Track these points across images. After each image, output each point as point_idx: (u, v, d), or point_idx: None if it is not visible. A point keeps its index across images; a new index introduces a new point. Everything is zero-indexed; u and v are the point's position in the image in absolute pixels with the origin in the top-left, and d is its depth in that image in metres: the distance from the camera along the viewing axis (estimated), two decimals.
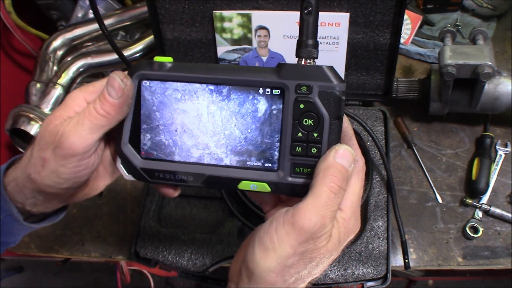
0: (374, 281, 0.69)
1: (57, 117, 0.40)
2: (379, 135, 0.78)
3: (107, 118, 0.39)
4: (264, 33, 0.77)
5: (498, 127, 0.81)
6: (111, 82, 0.39)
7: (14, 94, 0.92)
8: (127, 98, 0.40)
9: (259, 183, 0.40)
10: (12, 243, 0.49)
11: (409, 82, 0.79)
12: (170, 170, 0.41)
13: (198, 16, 0.77)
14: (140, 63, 0.42)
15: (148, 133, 0.42)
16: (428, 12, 0.94)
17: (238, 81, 0.39)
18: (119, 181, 0.83)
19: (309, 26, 0.39)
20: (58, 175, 0.40)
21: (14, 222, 0.45)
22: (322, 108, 0.37)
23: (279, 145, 0.39)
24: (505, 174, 0.77)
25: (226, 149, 0.40)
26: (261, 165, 0.40)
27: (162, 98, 0.41)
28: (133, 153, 0.42)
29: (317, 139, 0.38)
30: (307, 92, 0.38)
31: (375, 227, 0.72)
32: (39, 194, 0.43)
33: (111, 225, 0.80)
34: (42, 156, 0.40)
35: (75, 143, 0.38)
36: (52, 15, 0.98)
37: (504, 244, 0.72)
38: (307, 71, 0.38)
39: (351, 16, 0.72)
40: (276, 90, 0.38)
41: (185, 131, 0.41)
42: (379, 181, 0.75)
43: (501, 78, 0.73)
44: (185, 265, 0.72)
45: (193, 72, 0.40)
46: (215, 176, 0.40)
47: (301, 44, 0.39)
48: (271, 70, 0.39)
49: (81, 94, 0.41)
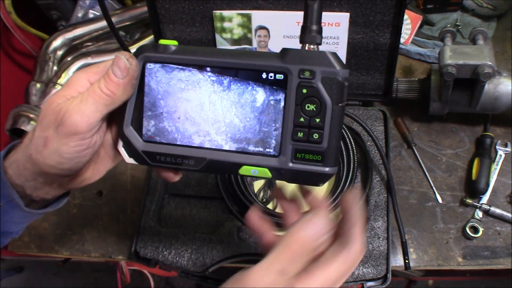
0: (374, 281, 0.69)
1: (60, 96, 0.40)
2: (379, 135, 0.78)
3: (112, 97, 0.39)
4: (264, 33, 0.77)
5: (498, 127, 0.81)
6: (116, 61, 0.39)
7: (14, 94, 0.92)
8: (131, 78, 0.40)
9: (260, 168, 0.40)
10: (14, 233, 0.49)
11: (409, 82, 0.79)
12: (172, 154, 0.42)
13: (198, 16, 0.77)
14: (145, 45, 0.42)
15: (153, 120, 0.42)
16: (428, 12, 0.94)
17: (242, 65, 0.39)
18: (119, 181, 0.84)
19: (313, 12, 0.39)
20: (60, 154, 0.40)
21: (15, 209, 0.44)
22: (324, 94, 0.38)
23: (281, 131, 0.39)
24: (505, 174, 0.77)
25: (226, 136, 0.40)
26: (263, 150, 0.40)
27: (167, 87, 0.41)
28: (135, 136, 0.42)
29: (319, 125, 0.38)
30: (310, 77, 0.38)
31: (375, 227, 0.72)
32: (39, 175, 0.42)
33: (111, 225, 0.80)
34: (44, 135, 0.40)
35: (78, 121, 0.38)
36: (52, 15, 0.98)
37: (504, 244, 0.72)
38: (311, 56, 0.38)
39: (351, 16, 0.72)
40: (280, 75, 0.39)
41: (187, 118, 0.41)
42: (379, 181, 0.75)
43: (501, 78, 0.73)
44: (185, 265, 0.72)
45: (197, 55, 0.40)
46: (216, 160, 0.41)
47: (305, 30, 0.39)
48: (275, 55, 0.39)
49: (84, 75, 0.42)
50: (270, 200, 0.77)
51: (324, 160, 0.39)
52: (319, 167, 0.39)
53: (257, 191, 0.78)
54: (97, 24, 0.91)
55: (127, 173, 0.84)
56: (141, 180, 0.83)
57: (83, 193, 0.83)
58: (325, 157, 0.39)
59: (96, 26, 0.91)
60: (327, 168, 0.39)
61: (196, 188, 0.79)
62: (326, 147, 0.38)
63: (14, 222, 0.47)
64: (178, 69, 0.41)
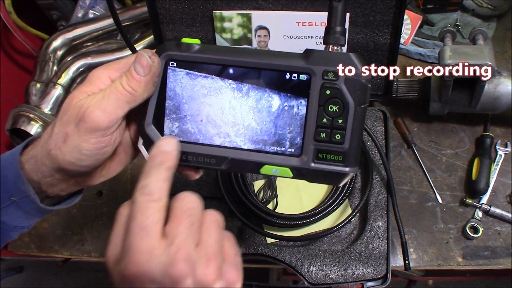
0: (374, 281, 0.69)
1: (81, 92, 0.41)
2: (379, 135, 0.78)
3: (133, 94, 0.40)
4: (264, 33, 0.77)
5: (498, 127, 0.81)
6: (139, 59, 0.40)
7: (14, 94, 0.92)
8: (153, 76, 0.40)
9: (282, 168, 0.40)
10: (25, 227, 0.48)
11: (409, 82, 0.79)
12: (193, 152, 0.42)
13: (198, 16, 0.77)
14: (167, 43, 0.42)
15: (177, 122, 0.43)
16: (428, 12, 0.94)
17: (265, 65, 0.40)
18: (119, 181, 0.84)
19: (337, 13, 0.39)
20: (80, 151, 0.40)
21: (30, 204, 0.44)
22: (347, 95, 0.38)
23: (303, 131, 0.40)
24: (505, 174, 0.77)
25: (245, 138, 0.41)
26: (284, 150, 0.41)
27: (191, 93, 0.42)
28: (156, 134, 0.43)
29: (341, 126, 0.39)
30: (333, 79, 0.38)
31: (375, 227, 0.72)
32: (57, 172, 0.42)
33: (111, 225, 0.79)
34: (65, 130, 0.40)
35: (99, 117, 0.38)
36: (52, 15, 0.98)
37: (504, 244, 0.72)
38: (335, 57, 0.38)
39: (351, 16, 0.72)
40: (303, 76, 0.39)
41: (209, 121, 0.42)
42: (379, 181, 0.75)
43: (501, 78, 0.73)
44: None
45: (220, 54, 0.41)
46: (238, 159, 0.41)
47: (329, 31, 0.39)
48: (299, 55, 0.40)
49: (106, 72, 0.42)
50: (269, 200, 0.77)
51: (345, 161, 0.39)
52: (340, 167, 0.39)
53: (257, 191, 0.78)
54: (97, 24, 0.91)
55: (127, 173, 0.84)
56: None
57: (83, 193, 0.83)
58: (346, 157, 0.39)
59: (96, 26, 0.91)
60: (348, 168, 0.39)
61: (196, 188, 0.79)
62: (348, 147, 0.39)
63: (27, 218, 0.47)
64: (201, 76, 0.41)
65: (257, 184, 0.79)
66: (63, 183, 0.44)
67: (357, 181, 0.77)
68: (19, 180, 0.42)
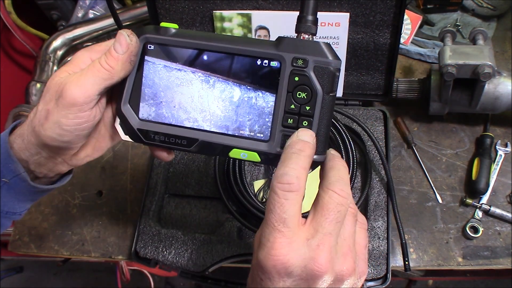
0: (374, 281, 0.69)
1: (63, 71, 0.42)
2: (379, 135, 0.78)
3: (110, 72, 0.41)
4: (264, 33, 0.77)
5: (498, 127, 0.81)
6: (118, 37, 0.41)
7: (14, 94, 0.92)
8: (131, 54, 0.42)
9: (250, 152, 0.41)
10: (17, 214, 0.50)
11: (409, 82, 0.79)
12: (166, 133, 0.44)
13: (198, 16, 0.77)
14: (146, 27, 0.44)
15: (153, 107, 0.44)
16: (428, 12, 0.94)
17: (238, 50, 0.41)
18: (119, 181, 0.84)
19: (309, 2, 0.40)
20: (60, 126, 0.41)
21: (21, 184, 0.46)
22: (316, 82, 0.39)
23: (272, 117, 0.41)
24: (505, 174, 0.77)
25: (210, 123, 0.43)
26: (253, 135, 0.42)
27: (167, 82, 0.44)
28: (132, 114, 0.44)
29: (309, 113, 0.39)
30: (302, 66, 0.39)
31: (375, 227, 0.72)
32: (42, 149, 0.44)
33: (111, 225, 0.80)
34: (46, 107, 0.42)
35: (76, 92, 0.40)
36: (52, 15, 0.98)
37: (504, 244, 0.72)
38: (305, 45, 0.39)
39: (351, 16, 0.72)
40: (274, 62, 0.40)
41: (181, 107, 0.44)
42: (379, 181, 0.75)
43: (501, 78, 0.73)
44: (185, 265, 0.72)
45: (196, 39, 0.42)
46: (208, 142, 0.43)
47: (300, 20, 0.40)
48: (271, 42, 0.40)
49: (87, 53, 0.44)
50: None
51: None
52: None
53: (257, 191, 0.78)
54: (97, 24, 0.91)
55: (127, 173, 0.84)
56: (141, 180, 0.83)
57: (83, 193, 0.83)
58: None
59: (96, 26, 0.91)
60: (315, 156, 0.39)
61: (196, 188, 0.79)
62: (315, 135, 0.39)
63: (19, 199, 0.48)
64: (176, 69, 0.43)
65: (257, 184, 0.79)
66: (50, 161, 0.46)
67: (356, 182, 0.77)
68: (9, 159, 0.44)
